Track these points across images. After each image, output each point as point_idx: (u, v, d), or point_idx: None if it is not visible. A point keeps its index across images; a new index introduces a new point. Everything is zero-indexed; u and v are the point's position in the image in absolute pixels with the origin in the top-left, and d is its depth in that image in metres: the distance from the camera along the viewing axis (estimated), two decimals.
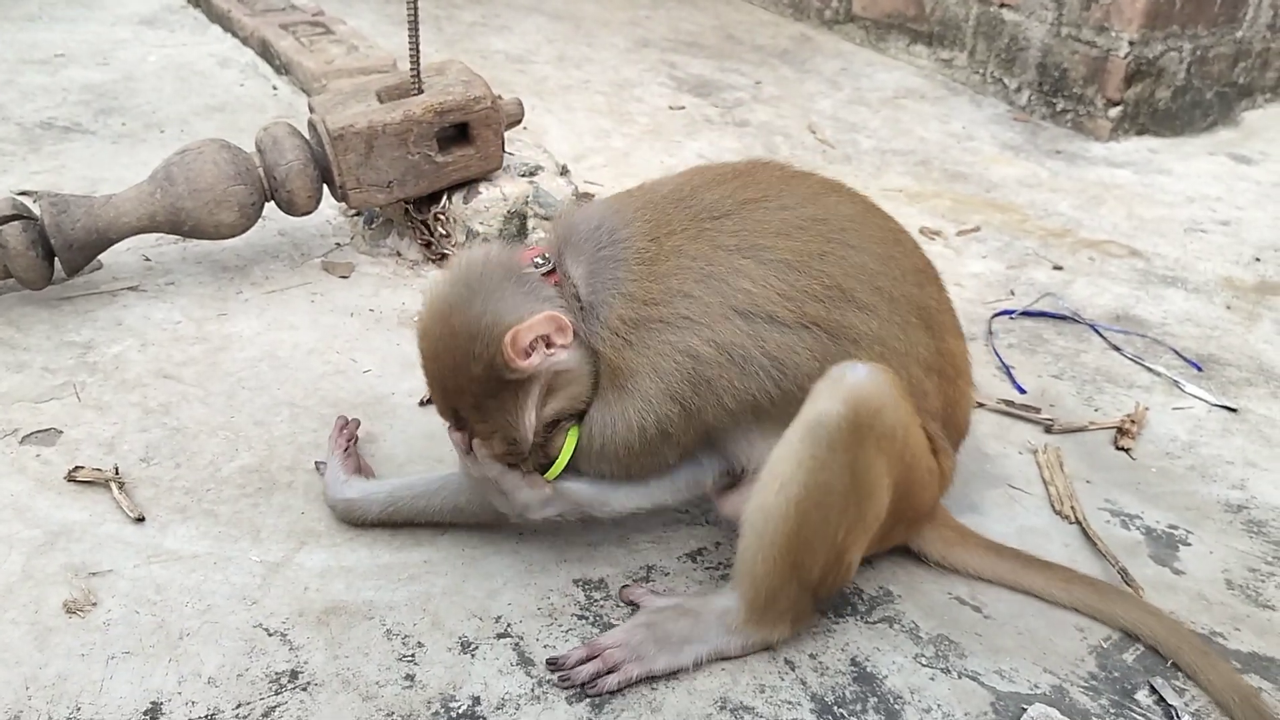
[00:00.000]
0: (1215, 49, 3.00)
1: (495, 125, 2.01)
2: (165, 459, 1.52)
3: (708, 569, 1.41)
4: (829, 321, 1.24)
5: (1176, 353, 1.98)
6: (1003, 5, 3.08)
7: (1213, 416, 1.80)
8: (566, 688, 1.22)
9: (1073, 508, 1.56)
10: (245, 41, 3.10)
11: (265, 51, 2.99)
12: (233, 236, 1.91)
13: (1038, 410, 1.77)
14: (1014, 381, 1.86)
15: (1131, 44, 2.82)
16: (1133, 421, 1.75)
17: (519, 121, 2.11)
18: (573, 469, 1.31)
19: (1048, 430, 1.73)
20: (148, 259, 2.01)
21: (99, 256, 1.92)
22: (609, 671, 1.23)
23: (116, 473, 1.47)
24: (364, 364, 1.76)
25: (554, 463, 1.30)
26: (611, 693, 1.21)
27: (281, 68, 2.91)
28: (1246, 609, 1.41)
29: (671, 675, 1.24)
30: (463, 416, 1.28)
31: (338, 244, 2.12)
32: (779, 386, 1.24)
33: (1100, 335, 2.01)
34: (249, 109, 2.71)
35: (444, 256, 2.05)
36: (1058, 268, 2.25)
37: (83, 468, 1.48)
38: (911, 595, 1.39)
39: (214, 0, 3.26)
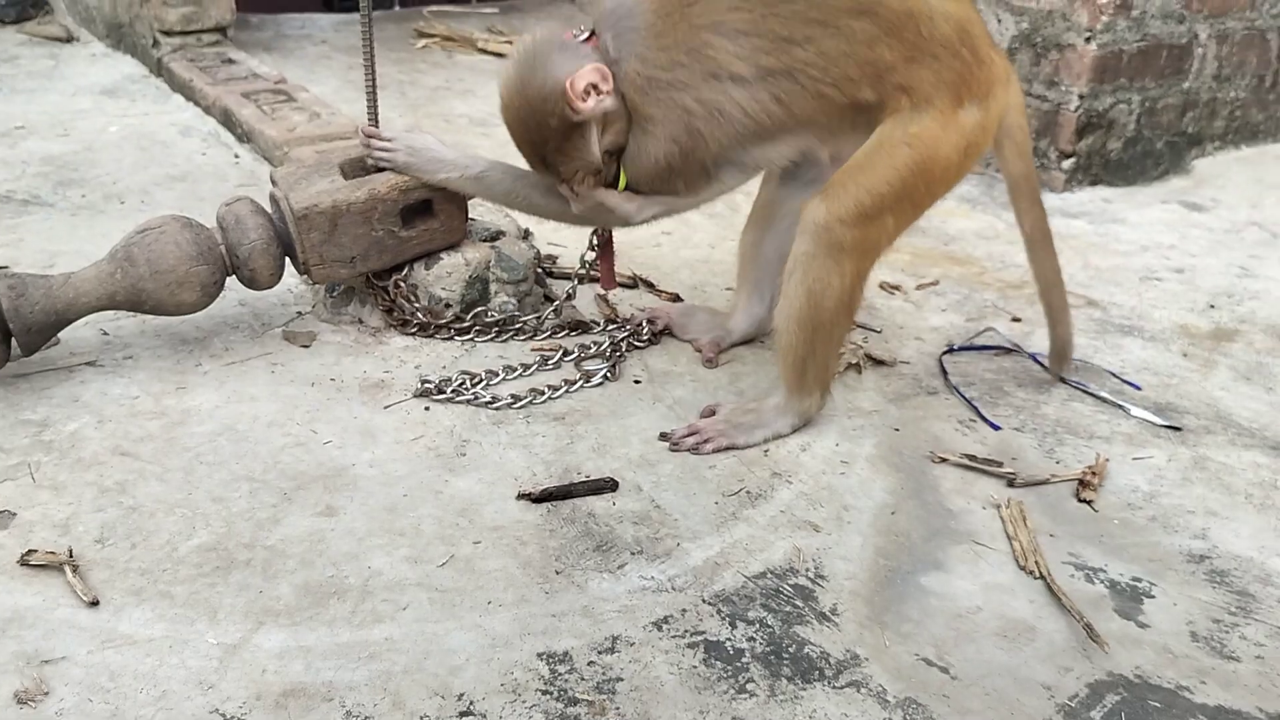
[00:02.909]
0: (1164, 100, 3.07)
1: (459, 199, 2.02)
2: (121, 539, 1.50)
3: (674, 637, 1.40)
4: (781, 67, 1.63)
5: (1113, 374, 2.02)
6: None
7: (1173, 466, 1.82)
8: (674, 451, 1.76)
9: (1037, 563, 1.56)
10: (207, 110, 3.11)
11: (227, 120, 3.00)
12: (194, 313, 1.90)
13: (1000, 464, 1.78)
14: (986, 419, 1.88)
15: (1081, 97, 2.89)
16: (1094, 473, 1.76)
17: None
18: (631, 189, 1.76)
19: (1010, 484, 1.74)
20: (105, 333, 1.99)
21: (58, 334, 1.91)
22: (705, 442, 1.76)
23: (71, 555, 1.45)
24: (324, 435, 1.75)
25: (618, 182, 1.75)
26: (705, 454, 1.75)
27: (244, 136, 2.92)
28: (1212, 661, 1.41)
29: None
30: (553, 164, 1.71)
31: (299, 313, 2.11)
32: (750, 128, 1.66)
33: (1038, 362, 2.09)
34: (211, 178, 2.71)
35: (406, 323, 2.05)
36: (1016, 319, 2.27)
37: (36, 551, 1.45)
38: (879, 657, 1.39)
39: (176, 70, 3.28)
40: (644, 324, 2.10)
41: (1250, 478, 1.80)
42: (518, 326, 2.09)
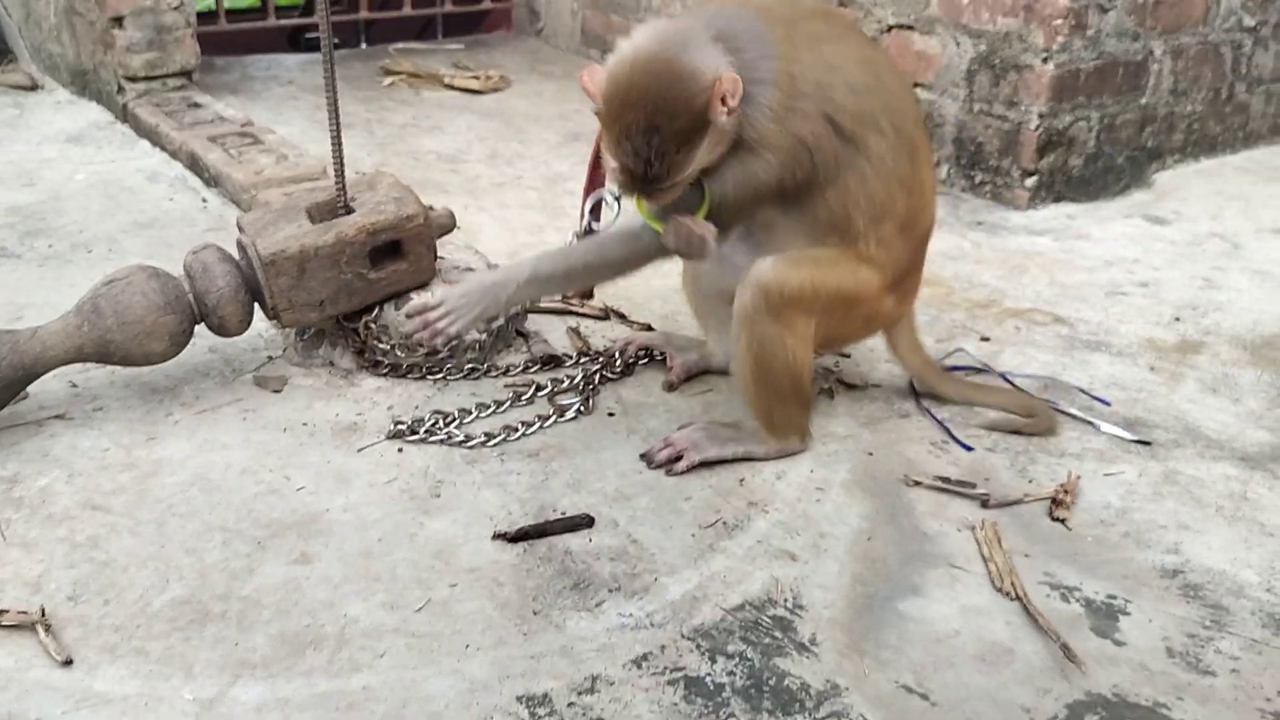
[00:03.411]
0: (1122, 116, 3.12)
1: (428, 240, 2.02)
2: (94, 595, 1.49)
3: (654, 675, 1.39)
4: (858, 136, 1.66)
5: (1083, 390, 2.05)
6: (916, 85, 3.19)
7: (1143, 481, 1.84)
8: (652, 468, 1.79)
9: (1013, 584, 1.57)
10: (174, 155, 3.11)
11: (194, 164, 3.00)
12: (163, 362, 1.90)
13: (973, 485, 1.79)
14: (958, 440, 1.90)
15: (1041, 116, 2.93)
16: (1066, 491, 1.77)
17: (451, 230, 2.13)
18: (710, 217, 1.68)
19: (984, 505, 1.75)
20: (75, 385, 1.98)
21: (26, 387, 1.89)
22: (679, 458, 1.79)
23: (43, 614, 1.43)
24: (298, 481, 1.74)
25: (699, 211, 1.67)
26: (680, 473, 1.78)
27: (211, 180, 2.92)
28: (1188, 677, 1.42)
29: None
30: (651, 168, 1.56)
31: (269, 357, 2.11)
32: (818, 174, 1.67)
33: (1008, 381, 2.11)
34: (179, 223, 2.71)
35: (378, 364, 2.05)
36: (985, 339, 2.29)
37: (7, 611, 1.44)
38: (859, 686, 1.39)
39: (142, 115, 3.27)
40: (616, 355, 2.10)
41: (1220, 490, 1.82)
42: (489, 364, 2.09)
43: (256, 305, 1.97)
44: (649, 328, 2.28)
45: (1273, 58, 3.44)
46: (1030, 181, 2.99)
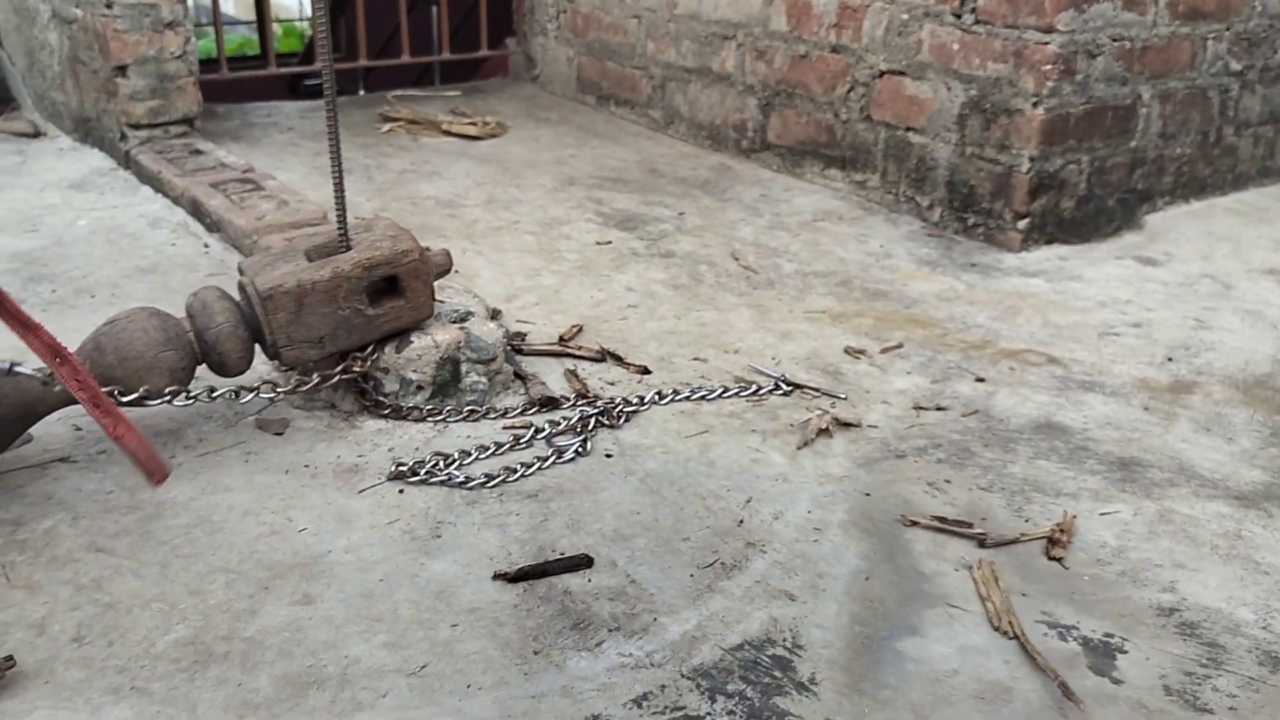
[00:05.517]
0: (1112, 159, 3.17)
1: (424, 276, 2.05)
2: (98, 637, 1.49)
3: (654, 714, 1.40)
4: None
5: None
6: (909, 129, 3.24)
7: (1139, 519, 1.85)
8: None
9: (1010, 623, 1.58)
10: (176, 201, 3.14)
11: (196, 210, 3.03)
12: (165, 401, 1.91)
13: (970, 525, 1.80)
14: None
15: (1032, 159, 2.98)
16: (1062, 530, 1.79)
17: (448, 271, 2.16)
18: None
19: (981, 544, 1.76)
20: (78, 428, 1.99)
21: (29, 429, 1.91)
22: None
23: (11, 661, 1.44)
24: (300, 522, 1.75)
25: None
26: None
27: (213, 226, 2.95)
28: (1186, 715, 1.43)
29: None
30: None
31: (271, 400, 2.12)
32: None
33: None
34: (181, 269, 2.74)
35: (378, 404, 2.07)
36: (980, 379, 2.32)
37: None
38: None
39: (144, 162, 3.32)
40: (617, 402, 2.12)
41: (1215, 528, 1.83)
42: (487, 406, 2.11)
43: (258, 347, 1.99)
44: (645, 370, 2.30)
45: (1259, 101, 3.50)
46: (1022, 224, 3.03)
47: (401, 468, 1.89)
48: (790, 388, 2.23)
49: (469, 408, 2.10)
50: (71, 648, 1.47)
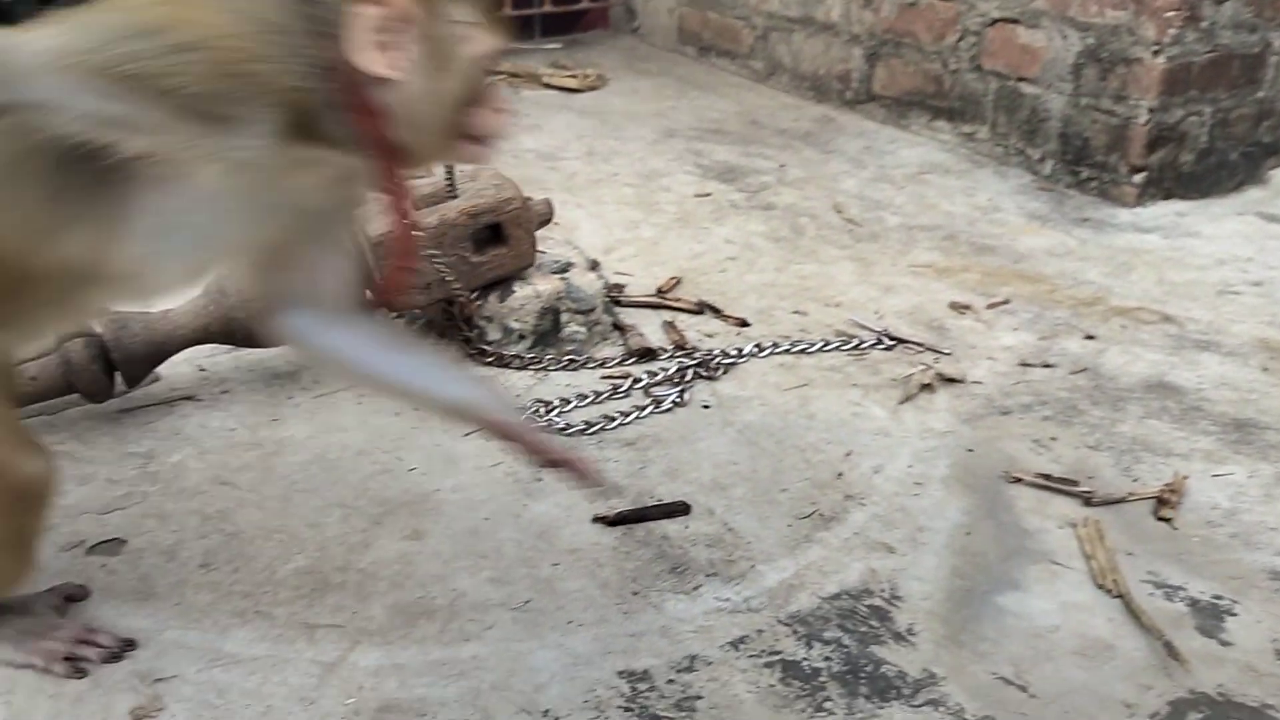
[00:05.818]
0: (1237, 111, 3.03)
1: (526, 224, 2.09)
2: (224, 564, 1.58)
3: (751, 657, 1.43)
4: None
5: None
6: (1021, 79, 3.15)
7: (1254, 482, 1.80)
8: None
9: (1115, 581, 1.56)
10: None
11: None
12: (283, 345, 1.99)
13: (1076, 483, 1.77)
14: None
15: (1151, 111, 2.87)
16: (1172, 491, 1.75)
17: (549, 220, 2.20)
18: None
19: (1087, 503, 1.74)
20: (202, 369, 2.09)
21: (157, 369, 2.01)
22: None
23: None
24: (409, 462, 1.82)
25: None
26: None
27: None
28: None
29: None
30: None
31: None
32: None
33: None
34: None
35: (482, 352, 2.12)
36: (1090, 337, 2.26)
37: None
38: (956, 676, 1.40)
39: None
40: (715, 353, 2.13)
41: None
42: (586, 356, 2.14)
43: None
44: (744, 322, 2.30)
45: None
46: (1138, 178, 2.93)
47: None
48: (893, 342, 2.21)
49: (568, 357, 2.13)
50: (200, 573, 1.56)
